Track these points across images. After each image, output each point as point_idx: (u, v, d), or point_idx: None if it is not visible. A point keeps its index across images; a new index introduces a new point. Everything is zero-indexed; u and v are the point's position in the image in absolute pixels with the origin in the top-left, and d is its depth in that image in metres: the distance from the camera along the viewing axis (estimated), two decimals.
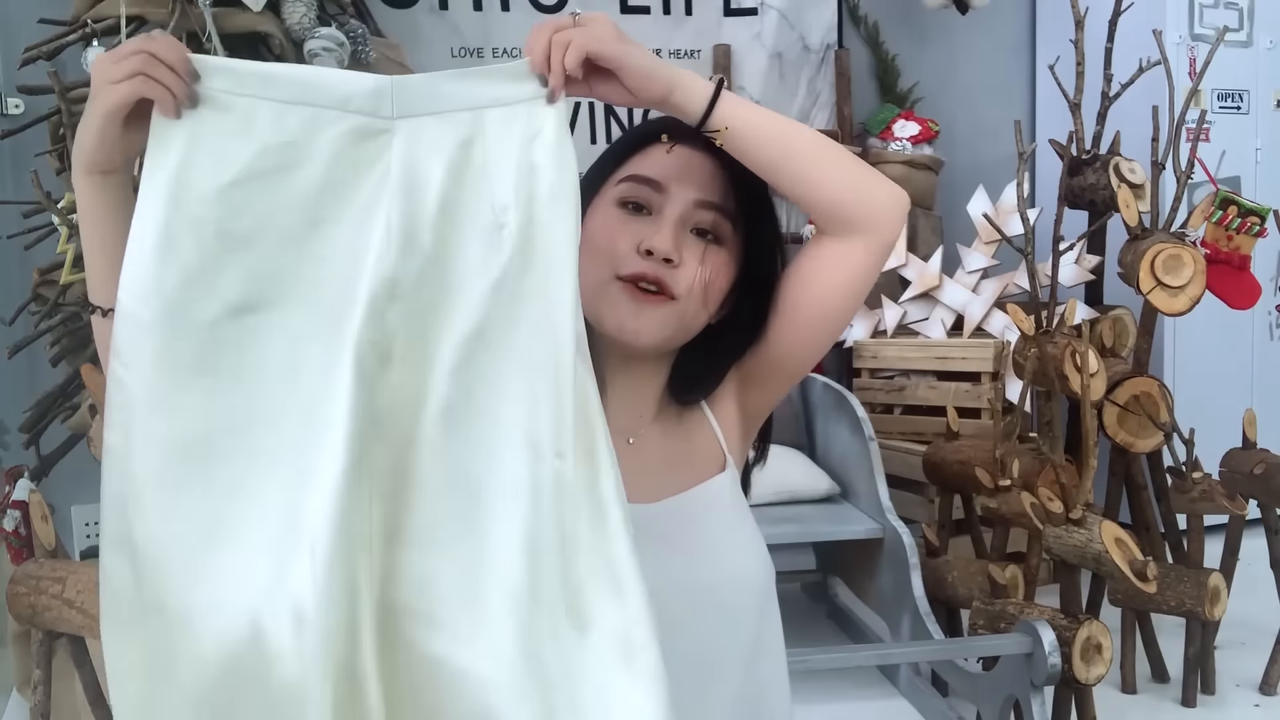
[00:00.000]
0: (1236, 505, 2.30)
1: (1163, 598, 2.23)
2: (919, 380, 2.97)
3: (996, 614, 2.01)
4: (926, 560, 2.33)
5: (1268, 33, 3.40)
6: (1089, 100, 2.63)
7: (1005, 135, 2.64)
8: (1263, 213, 2.49)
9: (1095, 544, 1.95)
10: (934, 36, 3.54)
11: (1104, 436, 2.43)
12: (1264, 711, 2.27)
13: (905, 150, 3.25)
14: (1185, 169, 2.42)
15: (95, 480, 0.79)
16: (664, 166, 0.95)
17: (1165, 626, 2.43)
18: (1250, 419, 2.47)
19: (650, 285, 0.92)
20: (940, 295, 3.02)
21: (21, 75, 2.29)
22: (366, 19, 2.42)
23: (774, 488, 2.49)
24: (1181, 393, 2.93)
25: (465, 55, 2.86)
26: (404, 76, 0.81)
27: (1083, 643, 1.89)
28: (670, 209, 0.94)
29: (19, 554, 1.92)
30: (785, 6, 3.28)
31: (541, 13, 2.94)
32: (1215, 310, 2.60)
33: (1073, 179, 2.70)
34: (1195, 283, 2.33)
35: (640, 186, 0.95)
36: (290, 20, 2.18)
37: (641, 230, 0.94)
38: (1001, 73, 3.69)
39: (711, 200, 0.95)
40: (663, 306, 0.93)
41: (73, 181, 0.81)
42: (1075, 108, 2.62)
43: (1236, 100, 3.35)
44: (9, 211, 2.39)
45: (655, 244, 0.92)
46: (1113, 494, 2.56)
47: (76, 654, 1.84)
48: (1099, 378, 2.26)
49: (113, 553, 0.78)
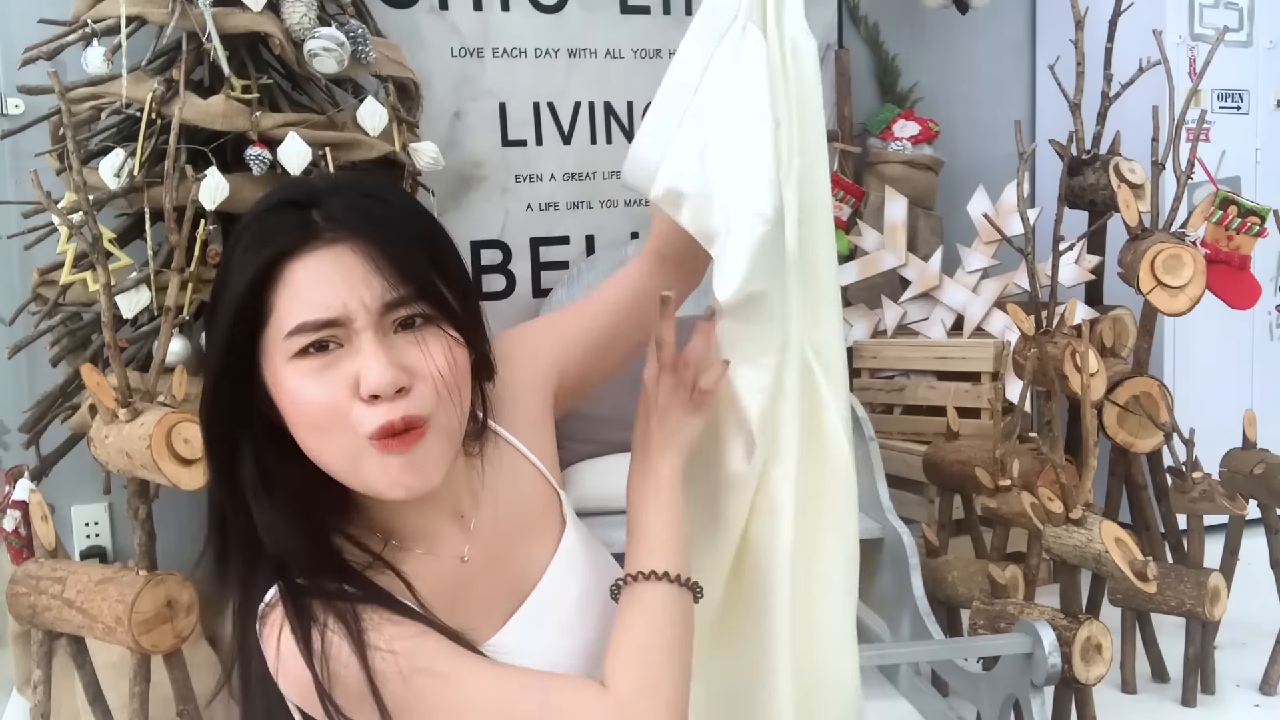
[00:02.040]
0: (1236, 505, 2.30)
1: (1163, 598, 2.23)
2: (919, 380, 2.97)
3: (996, 614, 2.01)
4: (926, 560, 2.33)
5: (1268, 33, 3.40)
6: (1089, 100, 2.63)
7: (1005, 135, 2.64)
8: (1263, 213, 2.49)
9: (1095, 544, 1.95)
10: (934, 36, 3.54)
11: (1104, 436, 2.43)
12: (1264, 711, 2.27)
13: (905, 150, 3.24)
14: (1185, 169, 2.42)
15: (95, 480, 0.79)
16: (325, 294, 0.77)
17: (1165, 626, 2.43)
18: (1250, 419, 2.46)
19: (401, 429, 0.78)
20: (940, 295, 3.02)
21: (21, 75, 2.29)
22: (366, 19, 2.41)
23: None
24: (1181, 393, 2.93)
25: (465, 55, 2.86)
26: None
27: (1083, 643, 1.89)
28: (362, 332, 0.78)
29: (19, 554, 1.92)
30: None
31: (542, 14, 2.94)
32: (1215, 310, 2.60)
33: (1073, 179, 2.70)
34: (1195, 283, 2.33)
35: (315, 333, 0.77)
36: (290, 20, 2.18)
37: (344, 370, 0.78)
38: (1001, 73, 3.68)
39: (396, 294, 0.79)
40: (426, 435, 0.79)
41: (671, 480, 0.94)
42: (1075, 108, 2.62)
43: (1236, 100, 3.35)
44: (9, 211, 2.39)
45: (374, 384, 0.76)
46: (1113, 494, 2.56)
47: (76, 654, 1.84)
48: (1099, 378, 2.26)
49: None
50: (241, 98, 2.15)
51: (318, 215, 0.79)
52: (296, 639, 0.78)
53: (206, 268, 2.10)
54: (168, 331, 1.88)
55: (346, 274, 0.78)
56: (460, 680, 0.79)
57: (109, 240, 2.05)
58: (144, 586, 1.72)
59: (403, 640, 0.78)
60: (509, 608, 0.91)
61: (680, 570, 0.90)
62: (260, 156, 2.11)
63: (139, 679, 1.79)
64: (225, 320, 0.79)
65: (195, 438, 1.68)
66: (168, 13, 2.11)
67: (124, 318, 2.06)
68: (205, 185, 2.04)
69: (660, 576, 0.88)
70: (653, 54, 3.07)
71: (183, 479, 1.67)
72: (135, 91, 2.12)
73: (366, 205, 0.81)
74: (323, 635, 0.77)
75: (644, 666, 0.83)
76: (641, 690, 0.82)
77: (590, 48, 3.00)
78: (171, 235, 1.99)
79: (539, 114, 2.96)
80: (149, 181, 2.11)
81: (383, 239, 0.79)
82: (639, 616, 0.87)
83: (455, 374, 0.82)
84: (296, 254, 0.78)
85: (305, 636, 0.77)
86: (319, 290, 0.77)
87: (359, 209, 0.80)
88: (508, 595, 0.92)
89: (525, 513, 0.96)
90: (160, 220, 2.09)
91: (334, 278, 0.78)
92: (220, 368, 0.80)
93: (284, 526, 0.81)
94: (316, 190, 0.82)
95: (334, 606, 0.78)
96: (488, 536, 0.92)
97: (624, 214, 3.09)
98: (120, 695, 1.84)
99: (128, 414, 1.71)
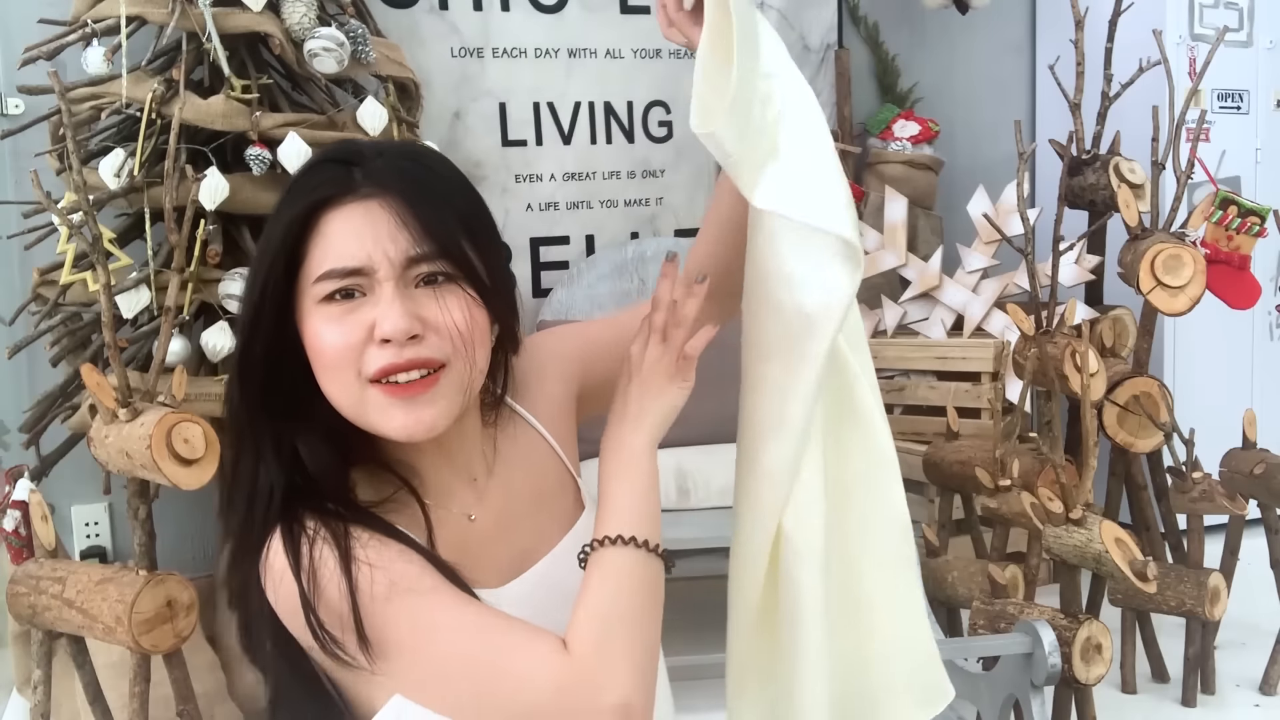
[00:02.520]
0: (1236, 505, 2.30)
1: (1163, 598, 2.23)
2: (919, 380, 2.97)
3: (996, 614, 2.01)
4: (927, 560, 2.33)
5: (1268, 33, 3.40)
6: (1089, 100, 2.63)
7: (1005, 135, 2.64)
8: (1263, 213, 2.49)
9: (1095, 544, 1.95)
10: (934, 36, 3.54)
11: (1104, 436, 2.43)
12: (1264, 711, 2.27)
13: (905, 150, 3.24)
14: (1185, 169, 2.42)
15: (95, 480, 0.80)
16: (352, 244, 0.83)
17: (1165, 626, 2.43)
18: (1250, 419, 2.46)
19: (407, 375, 0.83)
20: (940, 295, 3.02)
21: (21, 75, 2.29)
22: (366, 19, 2.41)
23: None
24: (1181, 393, 2.93)
25: (465, 55, 2.86)
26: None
27: (1083, 643, 1.89)
28: (384, 282, 0.83)
29: (19, 554, 1.92)
30: (785, 6, 3.27)
31: (542, 14, 2.94)
32: (1215, 310, 2.60)
33: (1073, 179, 2.70)
34: (1195, 283, 2.33)
35: (340, 280, 0.83)
36: (290, 20, 2.18)
37: (364, 317, 0.83)
38: (1001, 73, 3.68)
39: (420, 250, 0.83)
40: (435, 385, 0.84)
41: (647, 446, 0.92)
42: (1075, 108, 2.62)
43: (1236, 100, 3.35)
44: (9, 211, 2.39)
45: (386, 329, 0.81)
46: (1113, 494, 2.56)
47: (76, 654, 1.84)
48: (1099, 378, 2.26)
49: None
50: (241, 98, 2.15)
51: (358, 173, 0.84)
52: (287, 552, 0.82)
53: (206, 268, 2.10)
54: (168, 331, 1.88)
55: (375, 227, 0.83)
56: (433, 604, 0.81)
57: (109, 240, 2.05)
58: (144, 586, 1.72)
59: (388, 560, 0.81)
60: (512, 573, 0.93)
61: (648, 537, 0.87)
62: (260, 156, 2.11)
63: (139, 679, 1.79)
64: (265, 263, 0.85)
65: (195, 438, 1.68)
66: (168, 13, 2.11)
67: (124, 318, 2.06)
68: (205, 185, 2.04)
69: (626, 541, 0.86)
70: (653, 54, 3.07)
71: (183, 479, 1.67)
72: (135, 91, 2.12)
73: (404, 166, 0.86)
74: (312, 548, 0.81)
75: (603, 630, 0.81)
76: (597, 654, 0.80)
77: (590, 48, 3.00)
78: (171, 235, 1.99)
79: (539, 114, 2.96)
80: (149, 181, 2.11)
81: (414, 198, 0.84)
82: (601, 581, 0.84)
83: (470, 330, 0.85)
84: (333, 206, 0.84)
85: (295, 549, 0.82)
86: (348, 241, 0.83)
87: (396, 169, 0.85)
88: (513, 561, 0.94)
89: (539, 489, 0.98)
90: (160, 220, 2.09)
91: (363, 230, 0.83)
92: (257, 307, 0.85)
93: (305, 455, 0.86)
94: (361, 150, 0.88)
95: (328, 524, 0.82)
96: (498, 503, 0.95)
97: (624, 214, 3.10)
98: (120, 695, 1.84)
99: (128, 414, 1.71)
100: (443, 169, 0.90)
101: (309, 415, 0.86)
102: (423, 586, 0.81)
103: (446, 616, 0.81)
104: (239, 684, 2.27)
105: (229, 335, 2.11)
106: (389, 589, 0.80)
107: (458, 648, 0.80)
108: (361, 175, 0.84)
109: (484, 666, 0.80)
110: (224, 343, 2.10)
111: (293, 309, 0.85)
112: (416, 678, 0.81)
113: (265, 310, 0.85)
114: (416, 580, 0.81)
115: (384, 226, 0.83)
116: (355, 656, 0.80)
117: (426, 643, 0.80)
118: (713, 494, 2.42)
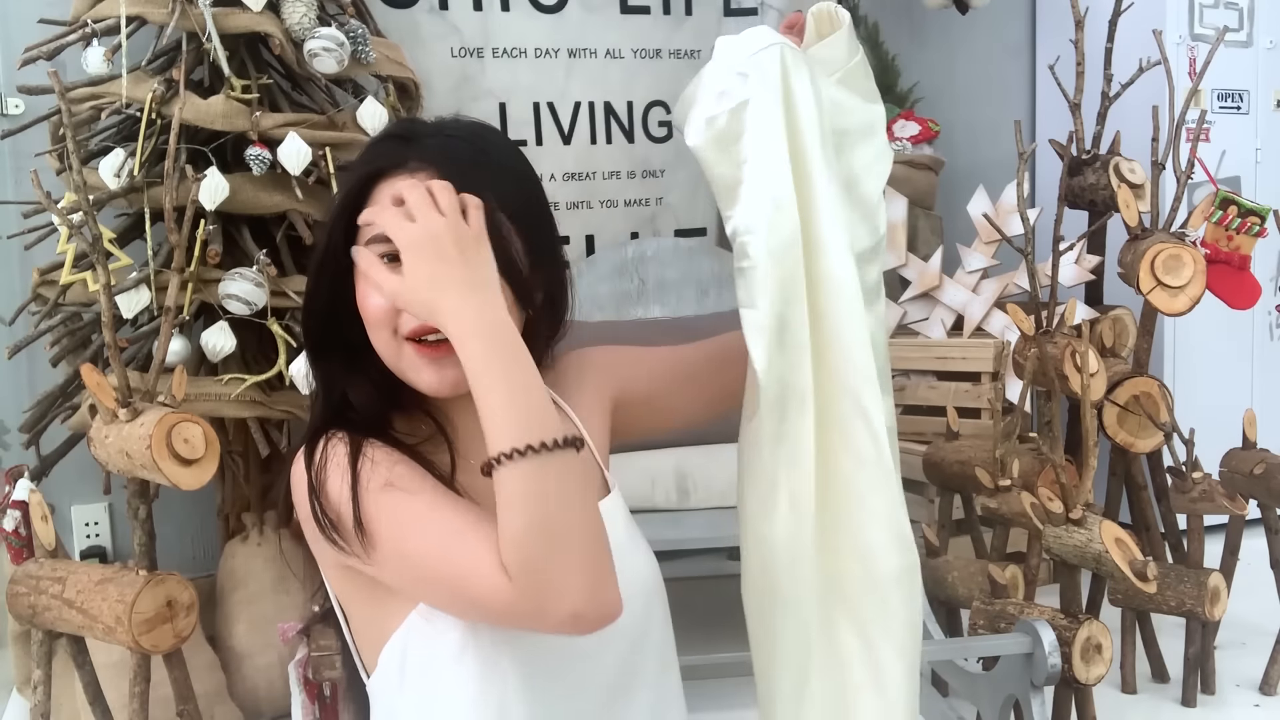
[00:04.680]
0: (1236, 505, 2.30)
1: (1163, 598, 2.23)
2: (919, 380, 2.97)
3: (996, 614, 2.01)
4: (926, 560, 2.33)
5: (1268, 33, 3.40)
6: (1089, 100, 2.63)
7: (1005, 135, 2.64)
8: (1263, 213, 2.49)
9: (1095, 544, 1.95)
10: (934, 36, 3.54)
11: (1104, 436, 2.43)
12: (1264, 711, 2.27)
13: (905, 150, 3.24)
14: (1185, 169, 2.42)
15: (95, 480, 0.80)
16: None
17: (1165, 626, 2.43)
18: (1250, 419, 2.46)
19: (436, 335, 0.87)
20: (940, 295, 3.02)
21: (21, 75, 2.29)
22: (366, 19, 2.41)
23: None
24: (1181, 393, 2.93)
25: (465, 55, 2.86)
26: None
27: (1083, 643, 1.89)
28: None
29: (19, 554, 1.92)
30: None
31: (542, 14, 2.94)
32: (1215, 310, 2.60)
33: (1073, 179, 2.70)
34: (1195, 283, 2.33)
35: (383, 244, 0.88)
36: (290, 20, 2.18)
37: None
38: (1001, 73, 3.69)
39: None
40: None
41: (486, 330, 0.83)
42: (1075, 108, 2.62)
43: (1236, 100, 3.35)
44: (9, 211, 2.39)
45: None
46: (1113, 494, 2.56)
47: (76, 654, 1.84)
48: (1099, 378, 2.26)
49: None
50: (241, 98, 2.15)
51: (412, 148, 0.92)
52: (308, 452, 0.89)
53: (206, 268, 2.11)
54: (168, 331, 1.88)
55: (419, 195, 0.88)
56: (415, 504, 0.85)
57: (109, 240, 2.05)
58: (144, 586, 1.72)
59: (390, 462, 0.88)
60: None
61: (533, 438, 0.79)
62: (260, 156, 2.11)
63: (139, 679, 1.79)
64: (327, 227, 0.95)
65: (195, 438, 1.68)
66: (168, 13, 2.12)
67: (124, 318, 2.06)
68: (205, 185, 2.04)
69: (510, 456, 0.79)
70: (653, 54, 3.07)
71: (183, 479, 1.67)
72: (135, 91, 2.12)
73: (457, 145, 0.93)
74: (327, 444, 0.89)
75: (524, 553, 0.78)
76: (527, 576, 0.77)
77: (590, 48, 3.00)
78: (171, 235, 1.99)
79: (539, 114, 2.96)
80: (149, 181, 2.11)
81: (459, 173, 0.89)
82: (506, 504, 0.79)
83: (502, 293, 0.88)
84: (386, 177, 0.91)
85: (312, 448, 0.89)
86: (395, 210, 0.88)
87: (449, 148, 0.92)
88: None
89: None
90: (160, 220, 2.10)
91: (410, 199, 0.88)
92: (320, 264, 0.94)
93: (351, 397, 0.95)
94: (419, 128, 0.96)
95: (351, 433, 0.90)
96: None
97: (624, 214, 3.10)
98: (120, 695, 1.84)
99: (128, 414, 1.71)
100: (497, 151, 0.96)
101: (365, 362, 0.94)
102: (412, 487, 0.86)
103: (420, 517, 0.84)
104: (239, 684, 2.27)
105: (229, 335, 2.11)
106: (383, 484, 0.86)
107: (424, 549, 0.83)
108: (414, 151, 0.91)
109: (443, 575, 0.83)
110: (224, 343, 2.10)
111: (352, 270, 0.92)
112: (392, 570, 0.86)
113: (325, 269, 0.94)
114: (409, 481, 0.86)
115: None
116: (350, 543, 0.85)
117: (400, 538, 0.84)
118: (713, 494, 2.42)
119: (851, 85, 1.06)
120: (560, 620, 0.78)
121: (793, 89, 0.97)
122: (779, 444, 0.98)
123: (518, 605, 0.78)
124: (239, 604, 2.31)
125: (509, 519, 0.79)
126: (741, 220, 0.98)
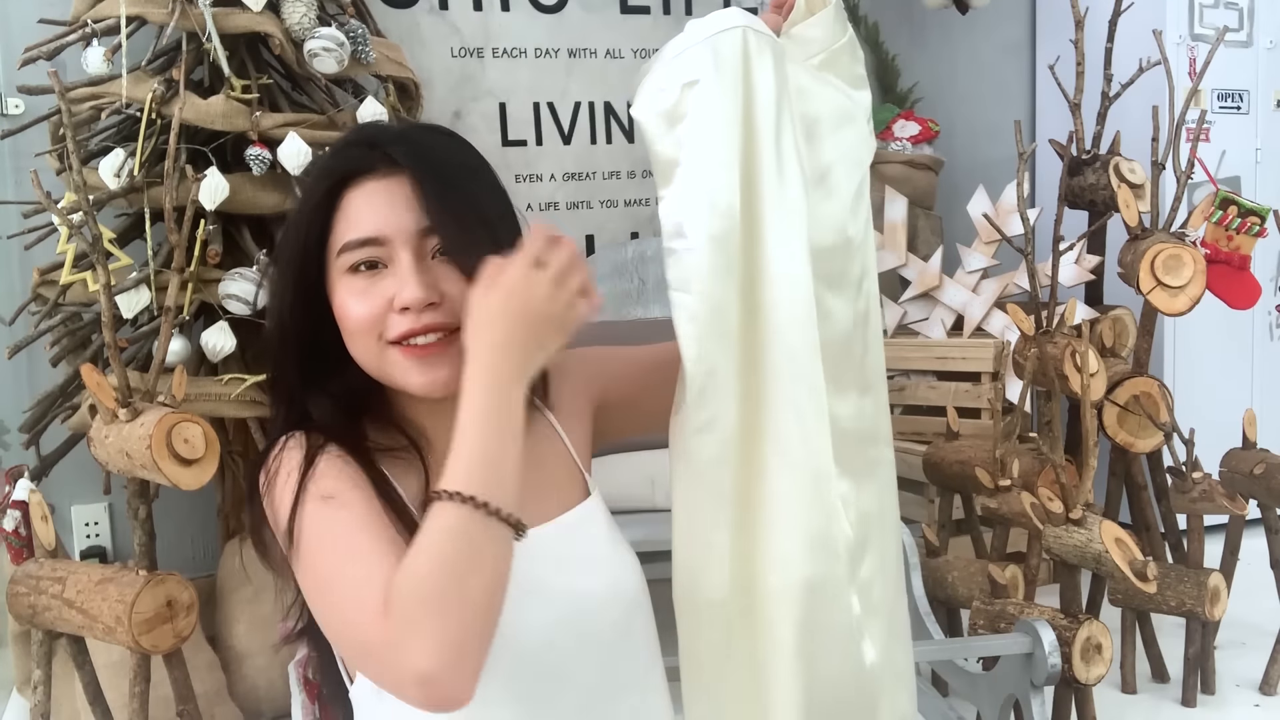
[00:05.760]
0: (1236, 505, 2.30)
1: (1163, 598, 2.23)
2: (919, 380, 2.97)
3: (996, 614, 2.01)
4: (926, 560, 2.33)
5: (1268, 33, 3.40)
6: (1089, 100, 2.63)
7: (1005, 135, 2.64)
8: (1263, 213, 2.49)
9: (1095, 544, 1.95)
10: (934, 36, 3.54)
11: (1104, 436, 2.43)
12: (1264, 711, 2.27)
13: (905, 150, 3.24)
14: (1185, 169, 2.42)
15: (95, 480, 0.80)
16: (369, 217, 0.90)
17: (1165, 626, 2.43)
18: (1250, 419, 2.46)
19: (424, 338, 0.89)
20: (940, 295, 3.02)
21: (21, 75, 2.29)
22: (366, 19, 2.41)
23: None
24: (1181, 393, 2.93)
25: (465, 55, 2.86)
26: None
27: (1083, 643, 1.89)
28: (402, 255, 0.89)
29: (19, 554, 1.92)
30: None
31: (542, 14, 2.94)
32: (1215, 310, 2.60)
33: (1073, 179, 2.70)
34: (1195, 283, 2.33)
35: (360, 250, 0.89)
36: (290, 20, 2.18)
37: (385, 287, 0.89)
38: (1001, 73, 3.69)
39: (430, 222, 0.90)
40: (450, 347, 0.88)
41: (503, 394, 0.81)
42: (1075, 108, 2.62)
43: (1236, 100, 3.35)
44: (9, 211, 2.39)
45: (405, 298, 0.88)
46: (1113, 494, 2.56)
47: (76, 654, 1.84)
48: (1099, 378, 2.26)
49: None
50: (241, 98, 2.15)
51: (379, 153, 0.91)
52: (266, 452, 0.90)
53: (206, 268, 2.11)
54: (168, 331, 1.88)
55: (392, 201, 0.90)
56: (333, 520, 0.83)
57: (109, 240, 2.05)
58: (144, 586, 1.72)
59: (334, 473, 0.87)
60: None
61: (488, 497, 0.77)
62: (260, 156, 2.11)
63: (139, 679, 1.79)
64: (297, 236, 0.93)
65: (195, 438, 1.68)
66: (168, 13, 2.12)
67: (124, 318, 2.06)
68: (205, 185, 2.04)
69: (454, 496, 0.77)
70: (653, 54, 3.06)
71: (183, 479, 1.67)
72: (135, 91, 2.12)
73: (424, 149, 0.93)
74: (283, 449, 0.89)
75: (415, 593, 0.74)
76: (403, 618, 0.74)
77: (590, 48, 3.00)
78: (171, 235, 1.99)
79: (539, 114, 2.96)
80: (149, 181, 2.11)
81: (429, 174, 0.90)
82: (427, 536, 0.76)
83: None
84: (356, 182, 0.91)
85: (269, 449, 0.90)
86: (367, 214, 0.90)
87: (416, 150, 0.92)
88: None
89: (542, 472, 0.98)
90: (160, 220, 2.09)
91: (381, 204, 0.90)
92: (290, 277, 0.93)
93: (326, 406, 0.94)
94: (386, 132, 0.96)
95: (310, 436, 0.90)
96: None
97: (624, 214, 3.10)
98: (120, 695, 1.84)
99: (128, 414, 1.71)
100: (460, 152, 0.96)
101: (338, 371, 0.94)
102: (341, 501, 0.84)
103: (337, 536, 0.82)
104: (239, 684, 2.27)
105: (229, 335, 2.11)
106: (323, 495, 0.85)
107: (327, 564, 0.82)
108: (382, 155, 0.91)
109: (330, 591, 0.82)
110: (224, 343, 2.10)
111: (324, 280, 0.92)
112: (301, 580, 0.85)
113: (303, 276, 0.92)
114: (340, 495, 0.85)
115: (401, 201, 0.90)
116: (284, 547, 0.85)
117: (315, 550, 0.83)
118: None
119: (835, 68, 1.03)
120: (407, 675, 0.73)
121: (752, 73, 0.95)
122: (703, 435, 0.94)
123: (377, 638, 0.74)
124: (239, 604, 2.31)
125: (419, 551, 0.76)
126: (675, 201, 0.94)
